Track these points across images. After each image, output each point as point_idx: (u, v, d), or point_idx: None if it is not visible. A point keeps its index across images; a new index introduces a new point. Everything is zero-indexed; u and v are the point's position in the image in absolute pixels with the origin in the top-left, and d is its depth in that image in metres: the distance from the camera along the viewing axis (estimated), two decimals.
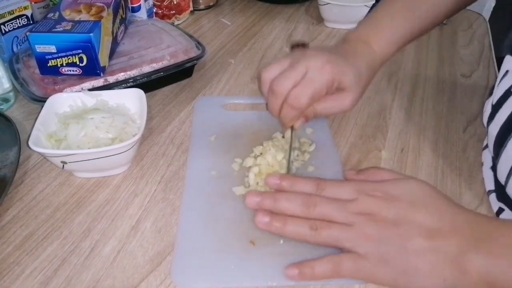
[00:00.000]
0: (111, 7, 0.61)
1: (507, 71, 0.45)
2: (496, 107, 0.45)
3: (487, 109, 0.47)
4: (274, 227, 0.39)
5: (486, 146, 0.50)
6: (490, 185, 0.47)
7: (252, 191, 0.41)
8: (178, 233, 0.42)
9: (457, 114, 0.60)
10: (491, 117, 0.45)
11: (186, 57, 0.64)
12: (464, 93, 0.65)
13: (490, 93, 0.48)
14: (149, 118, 0.58)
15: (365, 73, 0.49)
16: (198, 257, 0.40)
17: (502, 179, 0.44)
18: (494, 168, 0.47)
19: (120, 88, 0.58)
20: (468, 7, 0.60)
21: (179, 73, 0.64)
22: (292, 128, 0.49)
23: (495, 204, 0.45)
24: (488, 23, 0.87)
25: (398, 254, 0.35)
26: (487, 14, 0.89)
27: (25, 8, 0.67)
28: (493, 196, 0.46)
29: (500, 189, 0.45)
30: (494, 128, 0.44)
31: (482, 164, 0.50)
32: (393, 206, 0.37)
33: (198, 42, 0.68)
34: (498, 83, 0.46)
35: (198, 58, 0.65)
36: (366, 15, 0.57)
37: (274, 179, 0.41)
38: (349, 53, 0.50)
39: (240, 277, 0.38)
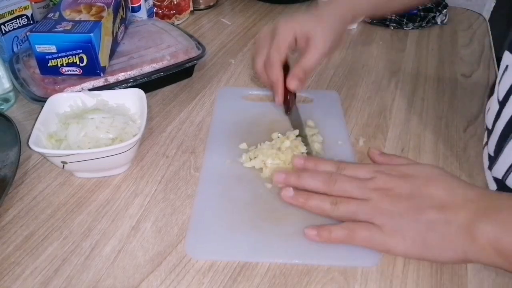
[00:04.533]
0: (111, 7, 0.61)
1: (507, 66, 0.45)
2: (502, 103, 0.45)
3: (492, 106, 0.47)
4: (298, 201, 0.42)
5: (485, 144, 0.50)
6: (492, 185, 0.47)
7: (279, 171, 0.45)
8: (193, 210, 0.45)
9: (457, 114, 0.60)
10: (499, 113, 0.45)
11: (186, 57, 0.64)
12: (464, 93, 0.65)
13: (491, 91, 0.48)
14: (149, 118, 0.58)
15: (331, 20, 0.53)
16: (211, 232, 0.42)
17: (500, 174, 0.44)
18: (491, 167, 0.47)
19: (120, 88, 0.58)
20: (468, 7, 0.60)
21: (179, 73, 0.64)
22: (288, 105, 0.55)
23: None
24: (488, 23, 0.87)
25: (411, 226, 0.37)
26: (487, 14, 0.89)
27: (25, 8, 0.67)
28: None
29: (504, 188, 0.45)
30: (501, 124, 0.45)
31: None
32: (408, 182, 0.40)
33: (198, 42, 0.68)
34: (499, 80, 0.46)
35: (198, 58, 0.65)
36: None
37: (299, 160, 0.46)
38: (312, 9, 0.55)
39: (250, 252, 0.41)
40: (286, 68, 0.55)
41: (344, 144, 0.53)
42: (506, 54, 0.46)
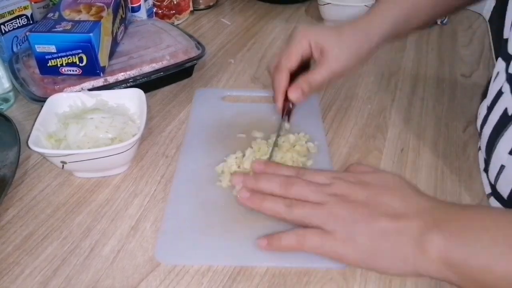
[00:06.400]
0: (111, 7, 0.61)
1: (498, 73, 0.46)
2: (490, 109, 0.45)
3: (482, 112, 0.47)
4: (254, 203, 0.41)
5: (479, 148, 0.51)
6: (487, 188, 0.47)
7: (238, 172, 0.45)
8: (165, 214, 0.44)
9: (457, 114, 0.60)
10: (485, 118, 0.45)
11: (186, 57, 0.64)
12: (464, 93, 0.65)
13: (484, 96, 0.48)
14: (149, 118, 0.58)
15: (350, 35, 0.51)
16: (182, 237, 0.42)
17: (492, 178, 0.44)
18: (486, 170, 0.47)
19: (120, 88, 0.58)
20: (468, 7, 0.60)
21: (179, 73, 0.64)
22: (284, 112, 0.53)
23: (495, 205, 0.45)
24: (488, 23, 0.87)
25: (363, 234, 0.36)
26: (487, 14, 0.89)
27: (25, 8, 0.67)
28: (492, 199, 0.46)
29: (495, 193, 0.45)
30: (487, 129, 0.45)
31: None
32: (365, 190, 0.39)
33: (198, 42, 0.68)
34: (491, 85, 0.46)
35: (198, 58, 0.65)
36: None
37: (259, 165, 0.45)
38: (335, 26, 0.53)
39: (220, 256, 0.40)
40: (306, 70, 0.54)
41: (321, 145, 0.53)
42: (499, 60, 0.46)
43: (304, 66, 0.54)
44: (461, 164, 0.52)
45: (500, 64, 0.45)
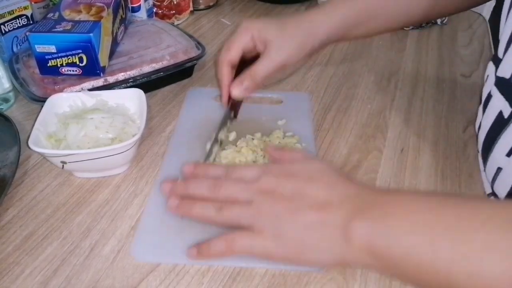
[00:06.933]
0: (111, 7, 0.61)
1: (487, 76, 0.46)
2: (483, 112, 0.46)
3: (479, 114, 0.48)
4: (183, 210, 0.40)
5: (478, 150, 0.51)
6: (487, 188, 0.47)
7: (166, 180, 0.43)
8: (143, 212, 0.45)
9: (457, 114, 0.60)
10: (481, 121, 0.46)
11: (186, 57, 0.64)
12: (464, 93, 0.65)
13: (480, 99, 0.49)
14: (149, 118, 0.58)
15: (293, 28, 0.50)
16: (158, 235, 0.42)
17: (489, 180, 0.45)
18: (485, 169, 0.47)
19: (120, 88, 0.58)
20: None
21: (179, 73, 0.64)
22: (229, 103, 0.52)
23: None
24: (488, 23, 0.87)
25: (289, 228, 0.35)
26: (487, 14, 0.89)
27: (25, 8, 0.67)
28: (492, 199, 0.46)
29: (494, 194, 0.45)
30: (483, 132, 0.45)
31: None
32: (291, 182, 0.38)
33: (198, 42, 0.68)
34: (483, 89, 0.47)
35: (198, 58, 0.65)
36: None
37: (189, 167, 0.43)
38: (281, 19, 0.52)
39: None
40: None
41: (308, 146, 0.53)
42: (490, 63, 0.46)
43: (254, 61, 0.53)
44: (461, 164, 0.52)
45: (491, 67, 0.45)
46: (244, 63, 0.52)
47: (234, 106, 0.53)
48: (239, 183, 0.40)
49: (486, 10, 0.89)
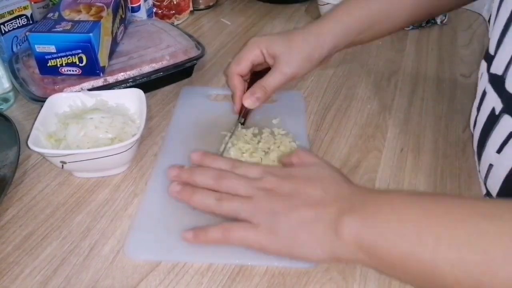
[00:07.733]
0: (111, 7, 0.61)
1: (482, 74, 0.46)
2: (478, 110, 0.46)
3: (473, 113, 0.48)
4: (183, 196, 0.42)
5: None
6: (483, 188, 0.47)
7: (174, 165, 0.45)
8: (138, 211, 0.45)
9: (457, 114, 0.60)
10: (475, 119, 0.46)
11: (185, 57, 0.64)
12: (464, 93, 0.65)
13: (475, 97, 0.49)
14: (149, 118, 0.58)
15: (300, 41, 0.53)
16: (152, 233, 0.42)
17: (482, 178, 0.45)
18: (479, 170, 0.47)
19: (119, 88, 0.58)
20: (468, 7, 0.60)
21: (178, 73, 0.64)
22: (241, 112, 0.55)
23: None
24: (488, 23, 0.87)
25: (284, 224, 0.37)
26: (487, 14, 0.89)
27: (25, 8, 0.67)
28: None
29: (489, 193, 0.45)
30: (477, 130, 0.45)
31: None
32: (290, 183, 0.40)
33: (198, 42, 0.68)
34: (478, 87, 0.47)
35: (198, 58, 0.65)
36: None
37: (197, 155, 0.46)
38: (288, 32, 0.56)
39: (188, 253, 0.40)
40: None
41: (302, 144, 0.53)
42: (482, 62, 0.46)
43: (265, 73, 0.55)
44: (461, 164, 0.52)
45: (483, 65, 0.46)
46: (256, 74, 0.56)
47: (245, 114, 0.55)
48: (242, 178, 0.42)
49: (486, 10, 0.89)
